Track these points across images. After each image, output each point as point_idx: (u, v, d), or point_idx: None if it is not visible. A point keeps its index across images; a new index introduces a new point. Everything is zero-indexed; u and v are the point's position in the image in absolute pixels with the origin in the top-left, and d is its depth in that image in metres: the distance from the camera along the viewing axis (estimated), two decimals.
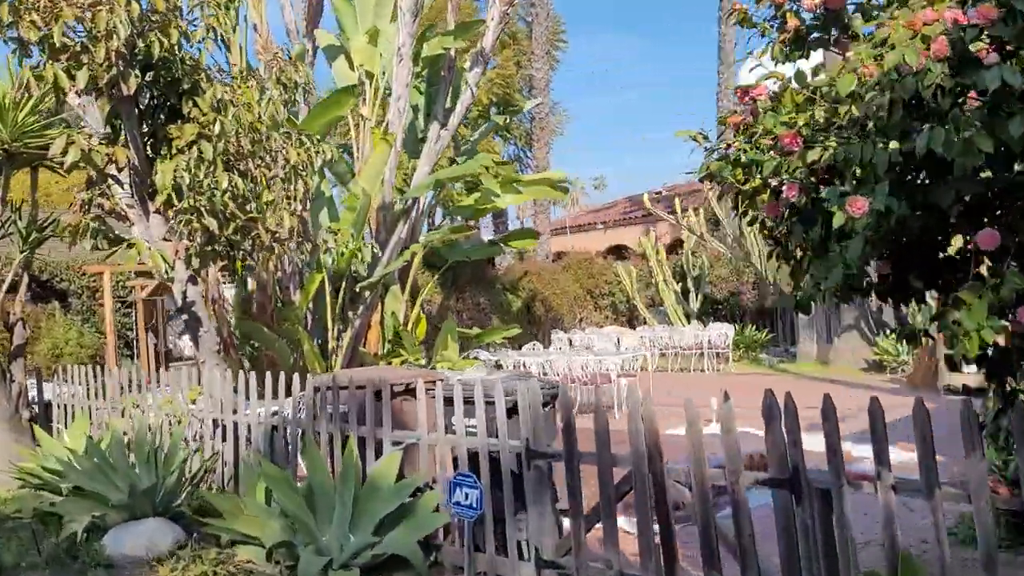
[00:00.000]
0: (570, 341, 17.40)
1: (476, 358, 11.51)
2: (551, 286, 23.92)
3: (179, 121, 6.78)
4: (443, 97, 11.69)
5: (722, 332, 18.16)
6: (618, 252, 29.25)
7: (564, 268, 25.25)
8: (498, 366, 11.02)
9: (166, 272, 6.46)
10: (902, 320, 16.57)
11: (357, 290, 10.81)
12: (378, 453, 5.43)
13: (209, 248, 6.62)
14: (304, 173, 6.65)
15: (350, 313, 10.91)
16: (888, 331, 16.01)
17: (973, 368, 10.52)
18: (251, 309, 10.35)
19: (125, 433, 6.72)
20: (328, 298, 10.54)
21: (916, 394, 3.86)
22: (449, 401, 5.05)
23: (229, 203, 6.32)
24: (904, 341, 4.02)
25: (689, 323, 21.74)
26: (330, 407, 5.88)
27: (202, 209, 6.31)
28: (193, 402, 6.67)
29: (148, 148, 6.97)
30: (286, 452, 6.20)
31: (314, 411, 5.92)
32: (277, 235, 6.75)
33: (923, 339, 3.55)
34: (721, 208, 21.15)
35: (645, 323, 23.36)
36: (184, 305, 7.10)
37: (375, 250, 10.75)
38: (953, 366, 3.40)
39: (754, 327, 21.28)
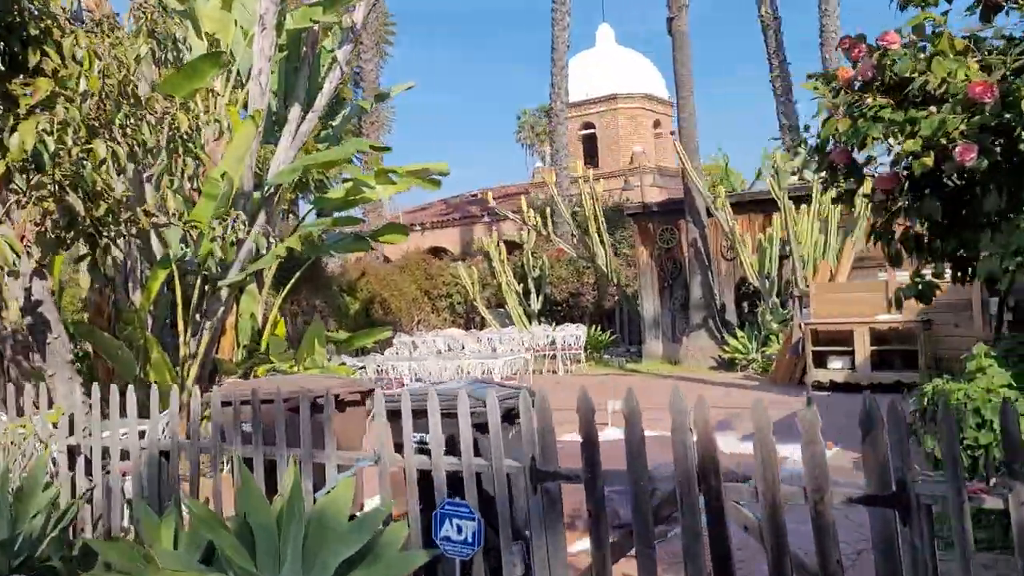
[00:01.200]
0: (414, 344, 16.61)
1: (343, 364, 10.46)
2: (389, 287, 22.95)
3: (22, 75, 5.42)
4: (304, 76, 10.58)
5: (574, 333, 18.00)
6: (436, 254, 28.70)
7: (402, 269, 24.34)
8: (381, 371, 10.05)
9: (14, 264, 5.09)
10: (742, 319, 17.12)
11: (212, 289, 9.50)
12: (317, 481, 4.48)
13: (69, 233, 5.32)
14: (193, 144, 5.49)
15: (198, 316, 9.57)
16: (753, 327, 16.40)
17: (839, 364, 10.70)
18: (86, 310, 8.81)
19: None
20: (179, 298, 9.17)
21: (782, 391, 3.58)
22: (419, 414, 4.21)
23: (100, 178, 5.07)
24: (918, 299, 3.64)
25: (531, 324, 21.52)
26: (245, 425, 4.84)
27: (64, 184, 5.03)
28: (55, 425, 5.33)
29: None
30: (175, 485, 5.06)
31: (220, 431, 4.84)
32: (155, 218, 5.55)
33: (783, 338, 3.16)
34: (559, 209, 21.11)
35: (484, 325, 22.91)
36: (28, 305, 5.72)
37: (235, 242, 9.47)
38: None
39: (597, 328, 21.36)
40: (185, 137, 5.47)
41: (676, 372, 16.09)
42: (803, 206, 14.86)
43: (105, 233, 5.48)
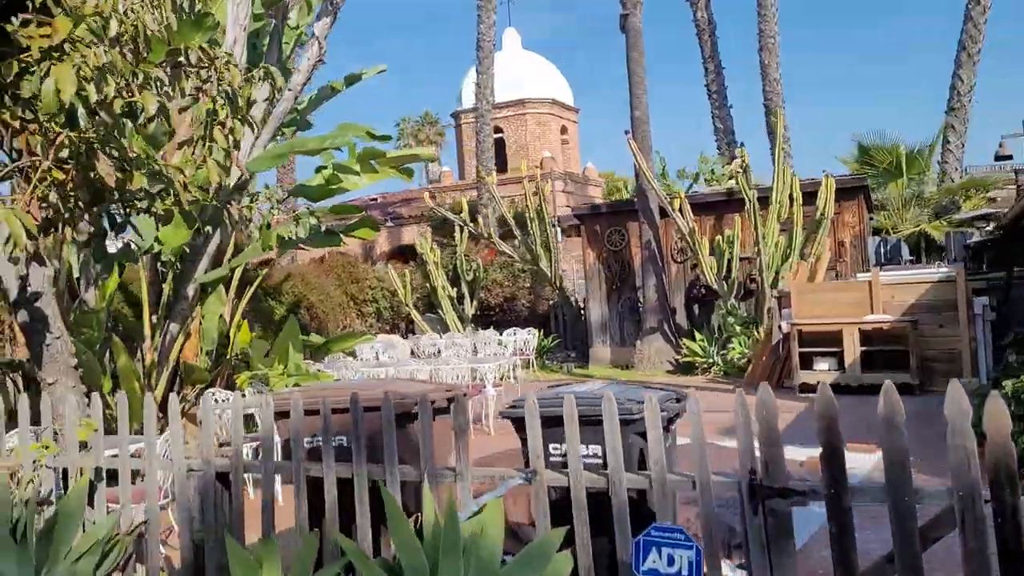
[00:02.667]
0: (354, 353, 15.63)
1: (320, 370, 9.51)
2: (316, 291, 21.74)
3: (18, 15, 4.40)
4: (275, 50, 9.62)
5: (524, 338, 17.38)
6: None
7: (326, 272, 23.12)
8: (375, 377, 9.15)
9: (26, 248, 4.05)
10: (693, 323, 16.92)
11: (181, 289, 8.43)
12: (406, 500, 3.73)
13: (91, 209, 4.33)
14: (242, 105, 4.59)
15: (165, 319, 8.47)
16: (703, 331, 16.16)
17: (825, 366, 10.43)
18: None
19: None
20: (146, 297, 8.07)
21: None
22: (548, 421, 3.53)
23: (140, 142, 4.12)
24: None
25: (464, 329, 20.79)
26: (309, 440, 4.04)
27: (96, 147, 4.06)
28: (84, 444, 4.31)
29: None
30: (228, 512, 4.17)
31: (270, 445, 4.02)
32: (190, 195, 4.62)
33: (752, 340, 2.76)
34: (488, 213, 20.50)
35: (414, 331, 22.02)
36: (23, 298, 4.69)
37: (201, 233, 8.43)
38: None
39: (541, 332, 20.82)
40: (233, 95, 4.56)
41: (634, 377, 15.70)
42: (767, 208, 14.76)
43: (132, 210, 4.51)
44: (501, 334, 17.95)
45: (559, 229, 23.27)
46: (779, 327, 12.18)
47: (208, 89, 4.54)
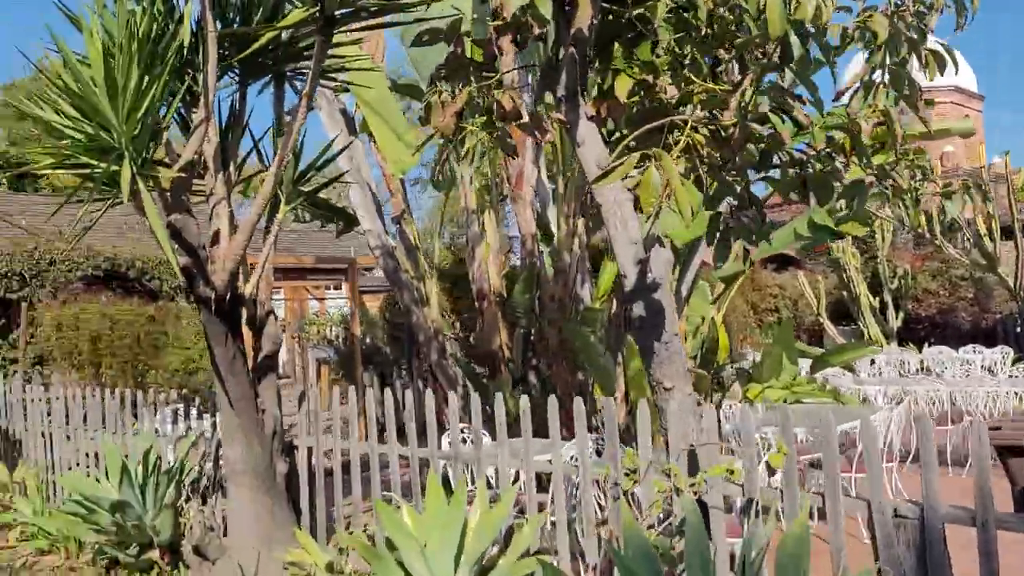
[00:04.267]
0: (851, 367, 13.82)
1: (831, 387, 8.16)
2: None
3: None
4: None
5: (993, 356, 14.63)
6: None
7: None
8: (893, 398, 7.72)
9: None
10: None
11: (679, 285, 7.61)
12: None
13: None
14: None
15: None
16: None
17: None
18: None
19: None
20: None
21: None
22: None
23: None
24: None
25: (888, 344, 18.31)
26: None
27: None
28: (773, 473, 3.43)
29: None
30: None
31: None
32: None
33: None
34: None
35: (822, 344, 19.92)
36: (641, 284, 3.91)
37: None
38: None
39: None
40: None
41: None
42: None
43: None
44: (957, 351, 15.32)
45: None
46: None
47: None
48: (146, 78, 3.99)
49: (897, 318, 19.35)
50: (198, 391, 10.57)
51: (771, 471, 4.41)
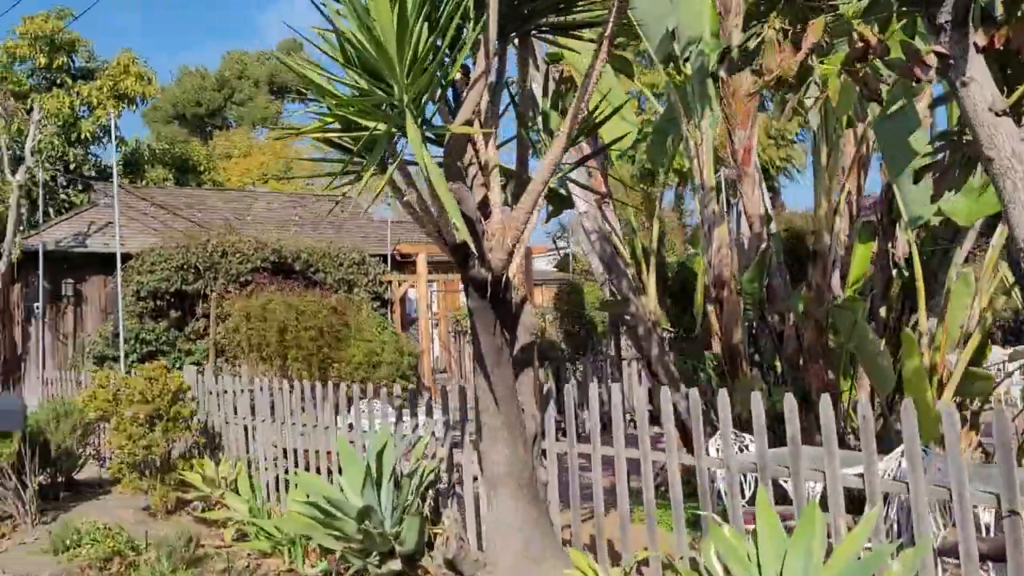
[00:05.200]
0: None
1: None
2: None
3: None
4: None
5: None
6: None
7: None
8: None
9: None
10: None
11: (941, 275, 6.62)
12: None
13: None
14: None
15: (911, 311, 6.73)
16: None
17: None
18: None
19: None
20: (920, 279, 6.41)
21: None
22: None
23: None
24: None
25: None
26: None
27: None
28: None
29: None
30: None
31: None
32: None
33: None
34: None
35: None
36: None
37: None
38: None
39: None
40: None
41: None
42: None
43: None
44: None
45: None
46: None
47: None
48: (426, 25, 3.45)
49: None
50: (383, 386, 10.22)
51: None
